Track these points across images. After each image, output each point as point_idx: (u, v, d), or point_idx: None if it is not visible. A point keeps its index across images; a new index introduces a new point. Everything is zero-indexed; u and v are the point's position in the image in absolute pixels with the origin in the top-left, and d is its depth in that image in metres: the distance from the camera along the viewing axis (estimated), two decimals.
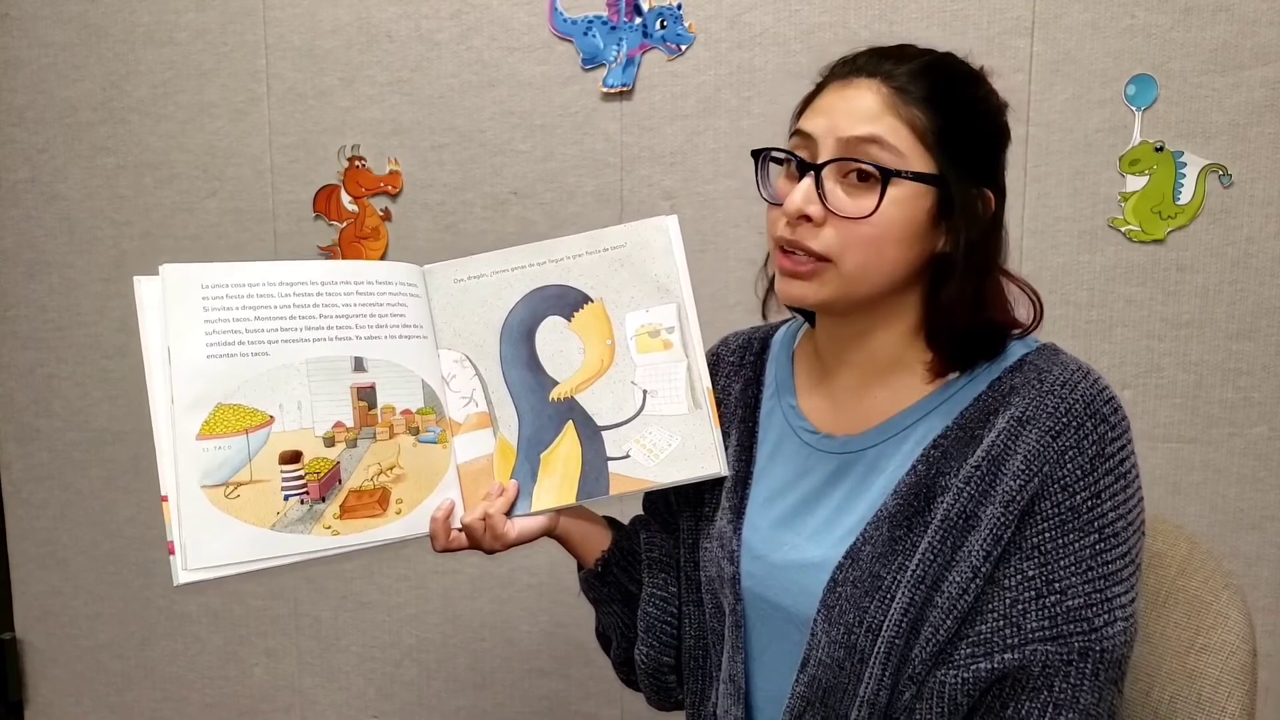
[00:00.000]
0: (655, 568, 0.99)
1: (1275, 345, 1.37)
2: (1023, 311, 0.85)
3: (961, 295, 0.81)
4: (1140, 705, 0.88)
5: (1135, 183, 1.38)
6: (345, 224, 1.65)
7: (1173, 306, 1.39)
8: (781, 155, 0.84)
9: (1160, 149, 1.36)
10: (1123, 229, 1.39)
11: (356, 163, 1.63)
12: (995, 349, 0.83)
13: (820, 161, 0.80)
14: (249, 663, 1.82)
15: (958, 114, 0.79)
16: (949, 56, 0.83)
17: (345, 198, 1.64)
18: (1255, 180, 1.34)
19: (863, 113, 0.79)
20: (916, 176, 0.78)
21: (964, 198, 0.79)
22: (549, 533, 0.97)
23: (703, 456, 0.93)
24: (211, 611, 1.82)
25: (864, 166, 0.78)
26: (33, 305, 1.81)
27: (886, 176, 0.77)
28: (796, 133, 0.83)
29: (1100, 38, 1.36)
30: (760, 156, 0.86)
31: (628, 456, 0.94)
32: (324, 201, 1.65)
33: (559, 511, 0.96)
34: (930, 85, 0.79)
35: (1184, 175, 1.36)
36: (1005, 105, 0.84)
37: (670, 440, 0.94)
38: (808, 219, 0.80)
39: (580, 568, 1.03)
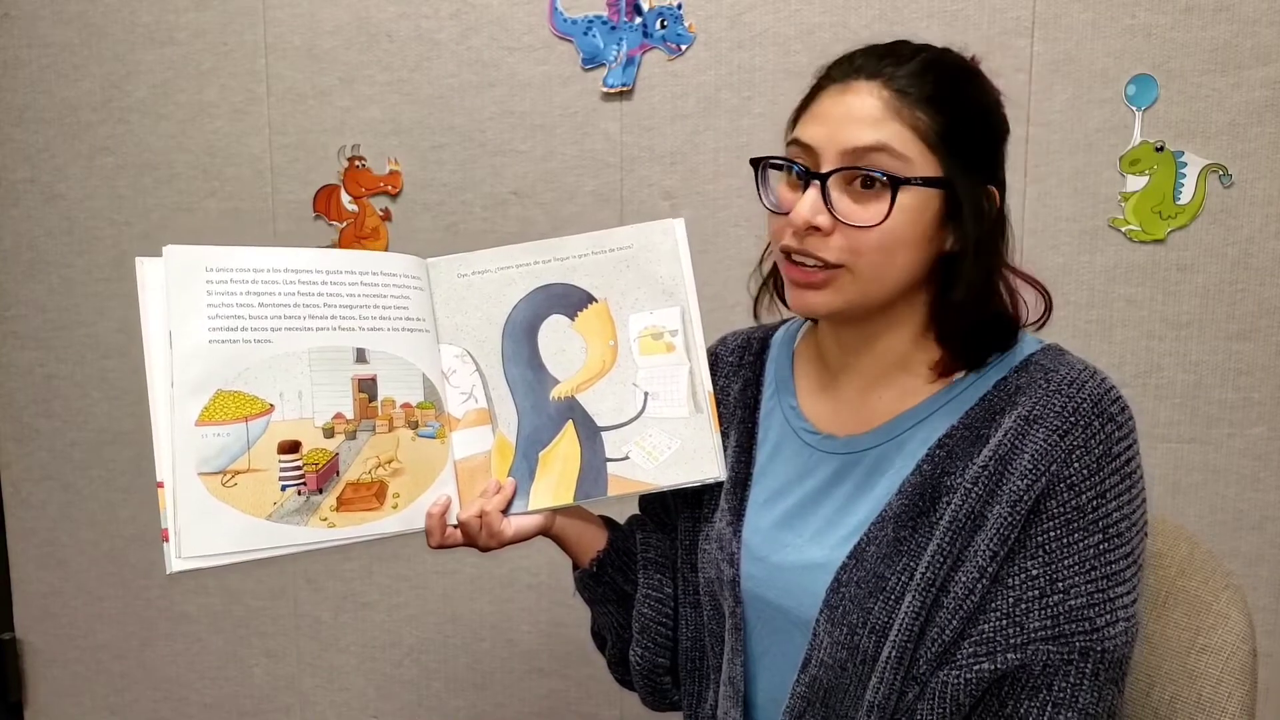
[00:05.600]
0: (651, 568, 0.99)
1: (1275, 345, 1.37)
2: (1026, 305, 0.85)
3: (971, 293, 0.81)
4: (1141, 705, 0.88)
5: (1135, 183, 1.38)
6: (345, 224, 1.65)
7: (1173, 306, 1.39)
8: (781, 163, 0.83)
9: (1160, 149, 1.36)
10: (1123, 229, 1.39)
11: (356, 163, 1.63)
12: (1006, 342, 0.83)
13: (825, 171, 0.78)
14: (249, 663, 1.82)
15: (959, 113, 0.78)
16: (946, 53, 0.82)
17: (345, 198, 1.64)
18: (1255, 180, 1.34)
19: (866, 119, 0.77)
20: (925, 182, 0.77)
21: (971, 197, 0.79)
22: (544, 532, 0.97)
23: (702, 461, 0.93)
24: (211, 612, 1.82)
25: (872, 175, 0.77)
26: (33, 305, 1.80)
27: (896, 185, 0.76)
28: (795, 141, 0.81)
29: (1100, 38, 1.36)
30: (759, 165, 0.85)
31: (627, 458, 0.94)
32: (324, 201, 1.65)
33: (556, 511, 0.96)
34: (932, 85, 0.78)
35: (1184, 175, 1.36)
36: (999, 95, 0.84)
37: (670, 443, 0.94)
38: (816, 229, 0.78)
39: (575, 567, 1.02)
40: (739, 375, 0.98)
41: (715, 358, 1.01)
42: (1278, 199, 1.34)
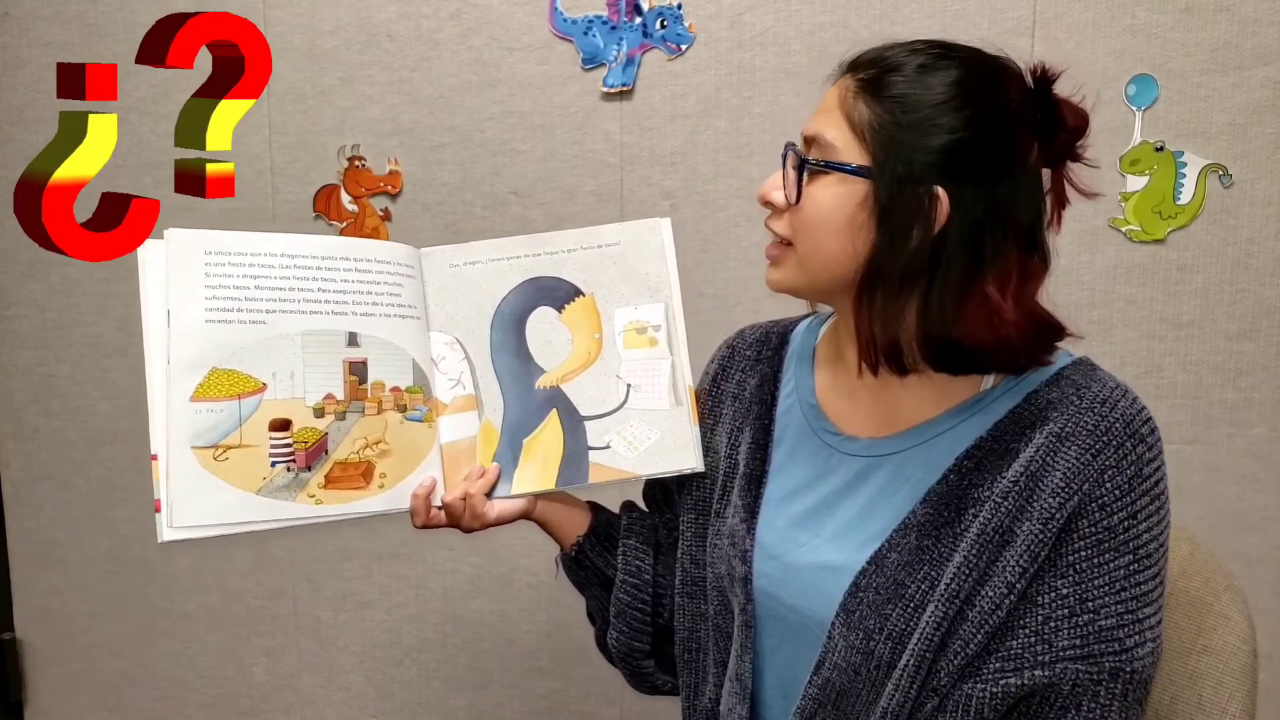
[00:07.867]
0: (631, 553, 0.99)
1: (1275, 345, 1.37)
2: (1064, 328, 0.82)
3: (888, 298, 0.77)
4: None
5: (1136, 183, 1.38)
6: (345, 224, 1.64)
7: (1173, 306, 1.39)
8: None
9: (1160, 149, 1.36)
10: (1123, 229, 1.39)
11: (356, 163, 1.63)
12: (960, 366, 0.80)
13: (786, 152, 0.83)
14: (249, 663, 1.82)
15: (911, 108, 0.76)
16: (947, 55, 0.78)
17: (345, 198, 1.64)
18: (1255, 180, 1.34)
19: (825, 109, 0.81)
20: (831, 165, 0.78)
21: (896, 193, 0.76)
22: (527, 515, 0.98)
23: (681, 451, 0.96)
24: (211, 611, 1.82)
25: (795, 155, 0.81)
26: (33, 305, 1.80)
27: (801, 166, 0.80)
28: None
29: (1100, 38, 1.36)
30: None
31: (608, 447, 0.96)
32: (324, 201, 1.65)
33: (537, 496, 0.98)
34: (890, 80, 0.77)
35: (1184, 175, 1.36)
36: (998, 106, 0.78)
37: (650, 434, 0.96)
38: (771, 204, 0.84)
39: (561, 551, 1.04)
40: (755, 370, 0.97)
41: (732, 350, 1.01)
42: (1278, 199, 1.34)
